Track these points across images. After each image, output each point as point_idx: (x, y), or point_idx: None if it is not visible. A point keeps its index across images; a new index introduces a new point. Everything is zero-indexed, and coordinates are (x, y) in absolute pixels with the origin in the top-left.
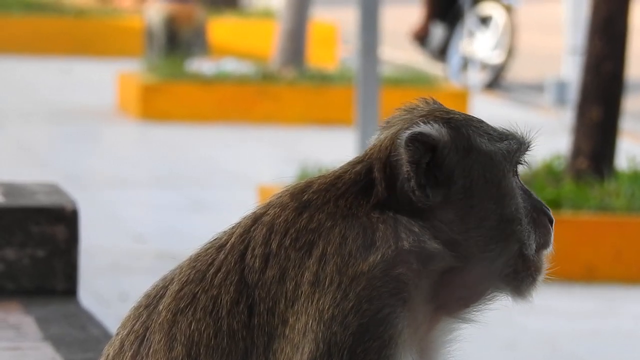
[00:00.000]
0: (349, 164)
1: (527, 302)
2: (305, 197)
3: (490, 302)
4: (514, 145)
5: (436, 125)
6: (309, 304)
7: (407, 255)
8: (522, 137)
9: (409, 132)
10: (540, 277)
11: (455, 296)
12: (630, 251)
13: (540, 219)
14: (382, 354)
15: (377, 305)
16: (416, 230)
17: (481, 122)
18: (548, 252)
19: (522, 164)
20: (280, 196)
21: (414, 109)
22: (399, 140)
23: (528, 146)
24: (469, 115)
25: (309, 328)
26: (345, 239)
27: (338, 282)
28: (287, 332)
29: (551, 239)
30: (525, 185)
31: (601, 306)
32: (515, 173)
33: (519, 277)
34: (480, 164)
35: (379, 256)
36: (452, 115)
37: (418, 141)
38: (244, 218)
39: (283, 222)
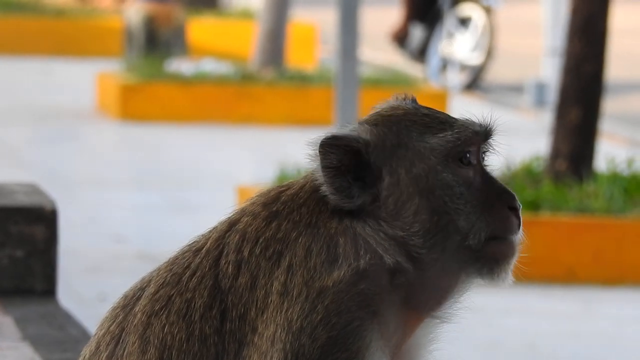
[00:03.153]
0: (311, 173)
1: (502, 285)
2: (275, 207)
3: (465, 291)
4: (451, 136)
5: (360, 127)
6: (278, 313)
7: (368, 272)
8: (468, 125)
9: (322, 137)
10: (506, 263)
11: (424, 298)
12: (609, 252)
13: (497, 206)
14: None
15: (346, 318)
16: (372, 242)
17: (426, 115)
18: (515, 239)
19: (466, 152)
20: (253, 203)
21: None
22: (314, 147)
23: (475, 133)
24: (413, 109)
25: (278, 337)
26: (309, 252)
27: (306, 295)
28: (255, 339)
29: (513, 225)
30: (487, 172)
31: (581, 307)
32: (462, 161)
33: (477, 267)
34: (406, 160)
35: (342, 273)
36: (391, 113)
37: (333, 145)
38: (221, 223)
39: (254, 230)
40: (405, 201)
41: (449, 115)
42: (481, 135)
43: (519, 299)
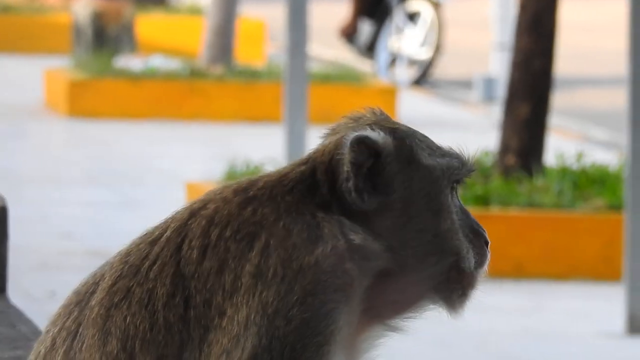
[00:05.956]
0: (292, 165)
1: (458, 315)
2: (251, 193)
3: (422, 311)
4: (455, 163)
5: (382, 133)
6: (251, 296)
7: (352, 252)
8: (463, 157)
9: (355, 134)
10: (472, 294)
11: (388, 300)
12: (559, 247)
13: (476, 239)
14: (321, 350)
15: (321, 299)
16: (359, 230)
17: (425, 136)
18: (482, 273)
19: (461, 183)
20: (221, 192)
21: (360, 117)
22: (344, 141)
23: (469, 167)
24: (413, 129)
25: (252, 321)
26: (289, 232)
27: (282, 275)
28: (224, 323)
29: (486, 260)
30: (464, 206)
31: (530, 302)
32: (454, 191)
33: (451, 289)
34: (420, 177)
35: (329, 249)
36: (398, 126)
37: (363, 144)
38: (178, 212)
39: (225, 215)
40: (411, 217)
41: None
42: (469, 168)
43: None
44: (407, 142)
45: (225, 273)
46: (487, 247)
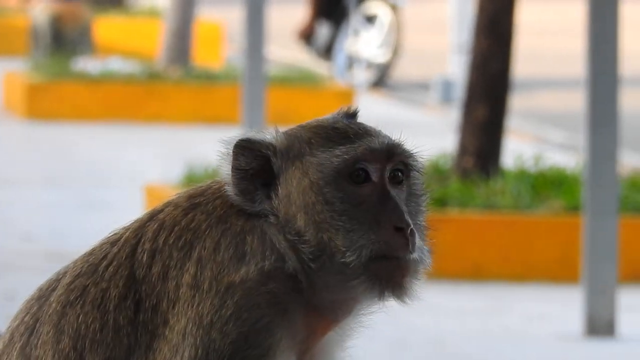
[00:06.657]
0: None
1: (404, 303)
2: (197, 200)
3: (371, 306)
4: (340, 152)
5: (273, 134)
6: (189, 307)
7: (275, 271)
8: (366, 142)
9: (238, 138)
10: (391, 283)
11: (328, 302)
12: (517, 249)
13: (384, 225)
14: None
15: (256, 314)
16: (280, 240)
17: (335, 128)
18: (406, 259)
19: (358, 168)
20: (179, 196)
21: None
22: (227, 146)
23: (371, 150)
24: (328, 122)
25: (189, 331)
26: (218, 246)
27: (216, 290)
28: (166, 332)
29: (397, 245)
30: (387, 191)
31: (488, 304)
32: (354, 178)
33: (365, 286)
34: (298, 172)
35: (250, 270)
36: (306, 124)
37: (244, 148)
38: (143, 214)
39: (172, 219)
40: (294, 213)
41: (367, 130)
42: (381, 153)
43: (425, 295)
44: (297, 140)
45: (169, 280)
46: (404, 232)
